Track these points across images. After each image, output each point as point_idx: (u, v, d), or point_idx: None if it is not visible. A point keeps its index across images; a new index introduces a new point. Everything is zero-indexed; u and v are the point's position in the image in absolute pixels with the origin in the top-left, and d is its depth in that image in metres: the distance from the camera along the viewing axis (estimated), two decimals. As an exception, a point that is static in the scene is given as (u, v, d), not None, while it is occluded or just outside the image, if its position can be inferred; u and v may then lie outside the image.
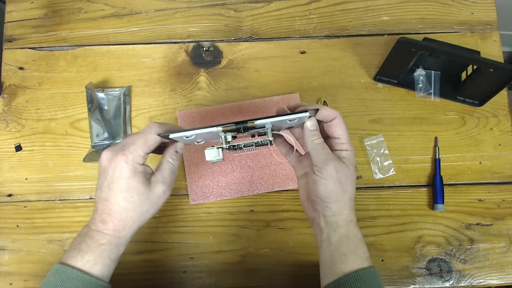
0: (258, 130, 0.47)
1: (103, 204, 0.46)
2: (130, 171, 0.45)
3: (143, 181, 0.46)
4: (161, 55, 0.70)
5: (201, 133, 0.45)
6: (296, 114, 0.44)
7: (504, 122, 0.67)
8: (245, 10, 0.72)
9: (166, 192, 0.48)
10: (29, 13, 0.72)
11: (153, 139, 0.46)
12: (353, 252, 0.45)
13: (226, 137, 0.46)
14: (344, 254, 0.46)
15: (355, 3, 0.72)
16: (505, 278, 0.62)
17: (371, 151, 0.65)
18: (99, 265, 0.45)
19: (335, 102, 0.68)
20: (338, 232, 0.46)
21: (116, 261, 0.48)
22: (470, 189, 0.65)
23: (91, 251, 0.45)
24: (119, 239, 0.46)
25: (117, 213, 0.46)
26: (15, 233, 0.63)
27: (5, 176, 0.65)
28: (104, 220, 0.46)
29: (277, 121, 0.45)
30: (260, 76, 0.69)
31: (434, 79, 0.67)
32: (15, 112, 0.67)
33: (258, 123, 0.45)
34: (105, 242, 0.46)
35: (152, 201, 0.47)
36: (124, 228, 0.46)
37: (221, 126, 0.45)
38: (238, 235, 0.63)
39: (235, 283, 0.61)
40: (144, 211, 0.47)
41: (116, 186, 0.45)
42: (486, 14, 0.72)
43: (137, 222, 0.47)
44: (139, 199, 0.46)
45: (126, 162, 0.45)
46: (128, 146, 0.45)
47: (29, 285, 0.61)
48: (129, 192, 0.45)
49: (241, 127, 0.45)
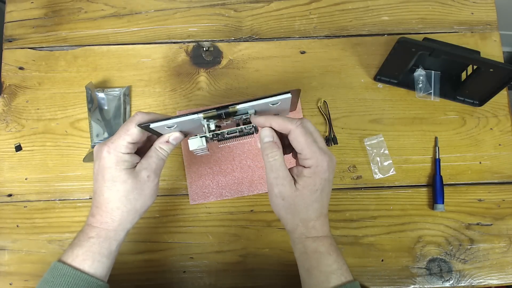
0: (242, 117, 0.45)
1: (93, 197, 0.46)
2: (112, 160, 0.44)
3: (127, 170, 0.45)
4: (161, 55, 0.70)
5: (181, 121, 0.44)
6: (278, 96, 0.43)
7: (504, 122, 0.67)
8: (245, 10, 0.72)
9: (151, 177, 0.46)
10: (29, 13, 0.72)
11: (133, 127, 0.44)
12: (316, 267, 0.45)
13: (209, 125, 0.45)
14: (307, 270, 0.46)
15: (355, 3, 0.72)
16: (505, 278, 0.62)
17: (371, 151, 0.65)
18: (88, 260, 0.45)
19: (335, 102, 0.68)
20: (297, 248, 0.47)
21: (109, 258, 0.46)
22: (470, 189, 0.65)
23: (80, 245, 0.45)
24: (107, 232, 0.45)
25: (102, 205, 0.45)
26: (15, 233, 0.63)
27: (5, 176, 0.65)
28: (93, 213, 0.46)
29: (260, 105, 0.44)
30: (260, 76, 0.69)
31: (434, 79, 0.67)
32: (15, 112, 0.67)
33: (240, 107, 0.43)
34: (94, 235, 0.45)
35: (139, 189, 0.46)
36: (113, 220, 0.45)
37: (202, 112, 0.43)
38: (238, 235, 0.63)
39: (235, 283, 0.61)
40: (132, 200, 0.46)
41: (100, 177, 0.45)
42: (486, 14, 0.72)
43: (126, 213, 0.46)
44: (123, 187, 0.45)
45: (108, 152, 0.44)
46: (112, 137, 0.45)
47: (29, 285, 0.61)
48: (111, 181, 0.45)
49: (222, 113, 0.44)
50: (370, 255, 0.62)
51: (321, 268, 0.45)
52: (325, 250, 0.45)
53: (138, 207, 0.47)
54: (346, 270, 0.45)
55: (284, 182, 0.44)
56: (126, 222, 0.46)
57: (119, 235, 0.47)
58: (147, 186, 0.46)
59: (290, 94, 0.43)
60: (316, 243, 0.45)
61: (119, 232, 0.46)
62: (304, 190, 0.44)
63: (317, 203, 0.45)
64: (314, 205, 0.45)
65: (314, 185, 0.44)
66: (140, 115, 0.45)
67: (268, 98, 0.43)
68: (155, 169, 0.47)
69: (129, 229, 0.48)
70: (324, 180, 0.44)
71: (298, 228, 0.46)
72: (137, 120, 0.45)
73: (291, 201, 0.44)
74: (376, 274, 0.62)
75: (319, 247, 0.45)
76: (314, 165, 0.44)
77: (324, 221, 0.46)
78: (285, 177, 0.44)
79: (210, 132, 0.45)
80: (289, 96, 0.43)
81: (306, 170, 0.44)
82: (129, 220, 0.47)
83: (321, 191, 0.45)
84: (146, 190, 0.46)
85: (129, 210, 0.46)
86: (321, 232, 0.46)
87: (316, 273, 0.45)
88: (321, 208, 0.46)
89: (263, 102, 0.43)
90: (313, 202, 0.45)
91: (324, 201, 0.46)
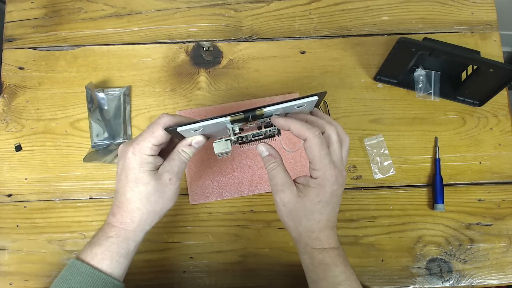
0: (265, 120, 0.46)
1: (115, 196, 0.47)
2: (136, 161, 0.45)
3: (150, 171, 0.45)
4: (161, 55, 0.70)
5: (208, 124, 0.44)
6: (304, 99, 0.43)
7: (504, 122, 0.67)
8: (245, 10, 0.72)
9: (173, 180, 0.47)
10: (29, 13, 0.72)
11: (160, 130, 0.45)
12: (322, 278, 0.45)
13: (233, 128, 0.45)
14: (314, 281, 0.46)
15: (355, 3, 0.72)
16: (505, 278, 0.62)
17: (371, 151, 0.65)
18: (107, 259, 0.45)
19: (335, 102, 0.68)
20: (303, 259, 0.47)
21: (127, 258, 0.47)
22: (470, 189, 0.65)
23: (99, 244, 0.45)
24: (126, 232, 0.46)
25: (124, 205, 0.45)
26: (15, 233, 0.63)
27: (5, 176, 0.65)
28: (114, 212, 0.46)
29: (286, 108, 0.44)
30: (260, 76, 0.69)
31: (434, 79, 0.67)
32: (15, 112, 0.67)
33: (267, 110, 0.44)
34: (113, 235, 0.45)
35: (160, 191, 0.46)
36: (132, 221, 0.46)
37: (229, 116, 0.44)
38: (238, 235, 0.63)
39: (235, 283, 0.61)
40: (153, 202, 0.46)
41: (124, 177, 0.45)
42: (486, 14, 0.72)
43: (146, 214, 0.46)
44: (145, 189, 0.45)
45: (133, 153, 0.45)
46: (137, 138, 0.46)
47: (29, 285, 0.61)
48: (135, 182, 0.45)
49: (249, 116, 0.44)
50: (370, 255, 0.62)
51: (328, 279, 0.45)
52: (332, 262, 0.45)
53: (158, 209, 0.47)
54: (354, 281, 0.46)
55: (283, 188, 0.45)
56: (145, 223, 0.47)
57: (138, 236, 0.47)
58: (169, 188, 0.47)
59: (316, 97, 0.43)
60: (322, 254, 0.45)
61: (137, 233, 0.47)
62: (305, 199, 0.44)
63: (320, 214, 0.45)
64: (315, 215, 0.45)
65: (317, 196, 0.44)
66: (166, 117, 0.45)
67: (295, 101, 0.43)
68: (177, 172, 0.47)
69: (147, 231, 0.48)
70: (330, 193, 0.44)
71: (302, 238, 0.46)
72: (163, 122, 0.45)
73: (292, 207, 0.45)
74: (376, 274, 0.62)
75: (325, 259, 0.45)
76: (321, 177, 0.44)
77: (329, 234, 0.46)
78: (284, 184, 0.45)
79: (235, 135, 0.46)
80: (315, 99, 0.44)
81: (312, 180, 0.44)
82: (148, 222, 0.47)
83: (325, 204, 0.44)
84: (168, 193, 0.47)
85: (149, 212, 0.46)
86: (327, 244, 0.46)
87: (323, 284, 0.45)
88: (326, 221, 0.45)
89: (289, 105, 0.43)
90: (314, 213, 0.44)
91: (330, 214, 0.45)
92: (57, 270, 0.61)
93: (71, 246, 0.62)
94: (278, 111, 0.44)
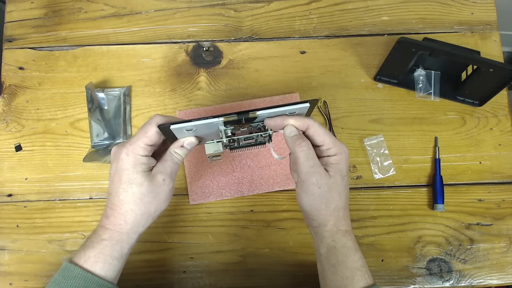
0: (257, 124, 0.47)
1: (108, 198, 0.46)
2: (130, 162, 0.44)
3: (144, 172, 0.45)
4: (161, 55, 0.70)
5: (201, 124, 0.44)
6: (295, 105, 0.44)
7: (504, 122, 0.67)
8: (245, 10, 0.72)
9: (166, 181, 0.46)
10: (29, 13, 0.72)
11: (153, 130, 0.45)
12: (342, 262, 0.45)
13: (226, 131, 0.46)
14: (333, 266, 0.46)
15: (355, 3, 0.72)
16: (505, 278, 0.62)
17: (371, 151, 0.65)
18: (100, 262, 0.45)
19: (335, 102, 0.68)
20: (324, 243, 0.47)
21: (121, 260, 0.46)
22: (470, 189, 0.65)
23: (92, 247, 0.45)
24: (120, 234, 0.46)
25: (117, 206, 0.45)
26: (15, 233, 0.63)
27: (5, 176, 0.65)
28: (107, 214, 0.46)
29: (277, 112, 0.45)
30: (260, 76, 0.69)
31: (434, 79, 0.67)
32: (15, 112, 0.67)
33: (260, 113, 0.45)
34: (106, 238, 0.45)
35: (154, 192, 0.46)
36: (126, 223, 0.45)
37: (223, 116, 0.44)
38: (238, 235, 0.63)
39: (235, 283, 0.61)
40: (147, 203, 0.46)
41: (117, 179, 0.45)
42: (486, 14, 0.72)
43: (139, 216, 0.46)
44: (139, 190, 0.45)
45: (126, 154, 0.45)
46: (130, 139, 0.46)
47: (29, 285, 0.61)
48: (128, 183, 0.45)
49: (242, 118, 0.45)
50: (370, 255, 0.62)
51: (347, 264, 0.45)
52: (353, 246, 0.47)
53: (152, 211, 0.47)
54: (367, 269, 0.47)
55: (320, 170, 0.45)
56: (139, 225, 0.46)
57: (131, 238, 0.47)
58: (162, 189, 0.46)
59: (308, 104, 0.45)
60: (346, 237, 0.47)
61: (131, 235, 0.46)
62: (336, 176, 0.46)
63: (346, 189, 0.47)
64: (345, 191, 0.47)
65: (343, 170, 0.46)
66: (159, 118, 0.45)
67: (287, 107, 0.44)
68: (170, 173, 0.47)
69: (141, 233, 0.48)
70: (347, 166, 0.47)
71: (330, 220, 0.46)
72: (155, 121, 0.45)
73: (327, 188, 0.45)
74: (376, 274, 0.62)
75: (348, 242, 0.46)
76: (338, 152, 0.46)
77: (348, 212, 0.48)
78: (320, 165, 0.46)
79: (227, 138, 0.46)
80: (307, 105, 0.45)
81: (332, 157, 0.46)
82: (142, 224, 0.47)
83: (347, 178, 0.47)
84: (161, 194, 0.47)
85: (143, 213, 0.46)
86: (347, 224, 0.48)
87: (342, 268, 0.45)
88: (347, 197, 0.48)
89: (282, 110, 0.45)
90: (344, 188, 0.47)
91: (348, 189, 0.48)
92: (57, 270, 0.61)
93: (71, 246, 0.62)
94: (270, 115, 0.46)
